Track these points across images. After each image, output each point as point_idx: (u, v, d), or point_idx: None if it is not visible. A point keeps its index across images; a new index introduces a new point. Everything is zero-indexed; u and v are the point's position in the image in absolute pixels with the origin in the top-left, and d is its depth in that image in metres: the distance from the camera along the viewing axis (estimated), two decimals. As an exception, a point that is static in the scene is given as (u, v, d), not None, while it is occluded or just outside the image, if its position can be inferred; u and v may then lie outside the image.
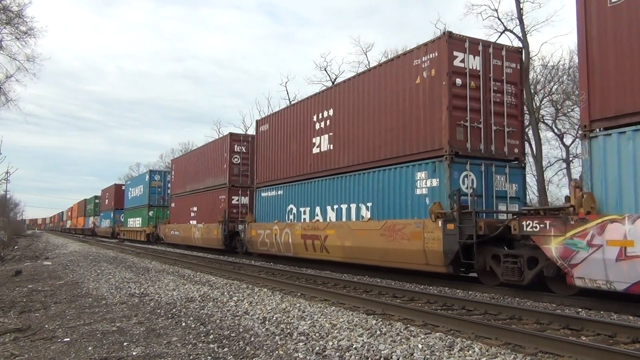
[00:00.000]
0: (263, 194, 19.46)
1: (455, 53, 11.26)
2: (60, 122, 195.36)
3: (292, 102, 16.82)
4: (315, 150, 16.12)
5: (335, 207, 14.85)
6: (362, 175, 13.78)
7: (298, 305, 8.37)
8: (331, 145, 15.31)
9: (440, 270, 10.91)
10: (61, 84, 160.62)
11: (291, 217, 17.22)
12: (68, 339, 6.34)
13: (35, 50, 34.33)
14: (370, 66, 18.50)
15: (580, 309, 8.25)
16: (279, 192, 18.17)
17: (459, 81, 11.22)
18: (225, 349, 5.71)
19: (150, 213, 36.16)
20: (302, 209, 16.66)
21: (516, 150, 12.01)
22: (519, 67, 12.24)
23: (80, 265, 17.24)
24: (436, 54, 11.46)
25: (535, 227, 8.75)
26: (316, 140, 16.07)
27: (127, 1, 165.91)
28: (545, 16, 61.43)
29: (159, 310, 8.22)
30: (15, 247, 33.50)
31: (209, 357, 5.41)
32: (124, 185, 49.18)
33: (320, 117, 15.97)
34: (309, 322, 6.98)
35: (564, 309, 8.27)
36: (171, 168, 33.33)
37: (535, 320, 7.00)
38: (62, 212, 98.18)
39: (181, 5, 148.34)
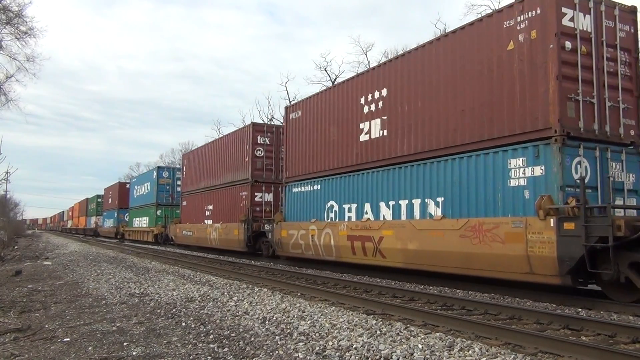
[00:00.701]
0: (295, 190, 17.21)
1: (563, 9, 9.18)
2: (60, 122, 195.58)
3: (335, 84, 14.48)
4: (363, 137, 13.80)
5: (392, 203, 12.58)
6: (430, 165, 11.54)
7: (298, 305, 8.37)
8: (384, 131, 12.98)
9: (551, 282, 8.68)
10: (61, 84, 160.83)
11: (331, 215, 15.02)
12: (68, 339, 6.34)
13: (35, 51, 34.39)
14: (439, 35, 15.52)
15: (580, 309, 8.25)
16: (316, 187, 15.94)
17: (568, 45, 9.18)
18: (225, 349, 5.71)
19: (159, 212, 33.92)
20: (346, 206, 14.41)
21: (632, 133, 9.77)
22: (633, 30, 10.05)
23: (80, 265, 17.24)
24: (538, 12, 9.33)
25: None
26: (364, 125, 13.77)
27: (126, 1, 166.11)
28: None
29: (159, 310, 8.22)
30: (15, 247, 33.50)
31: (209, 357, 5.41)
32: (128, 183, 47.15)
33: (369, 98, 13.70)
34: (309, 322, 6.99)
35: (564, 309, 8.26)
36: (182, 164, 31.26)
37: (535, 320, 7.00)
38: (63, 212, 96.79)
39: (181, 5, 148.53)
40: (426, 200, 11.62)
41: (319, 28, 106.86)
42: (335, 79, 45.10)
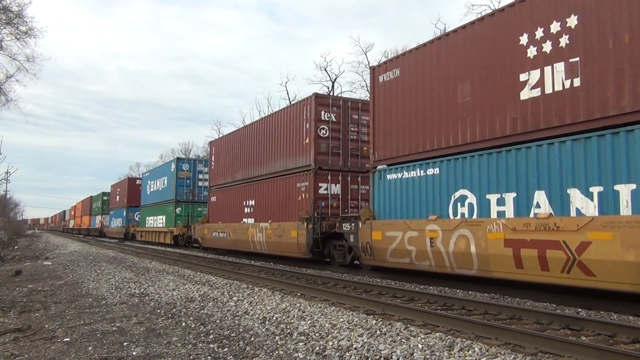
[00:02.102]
0: (391, 176, 12.76)
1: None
2: (60, 122, 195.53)
3: (466, 24, 11.07)
4: (526, 93, 9.51)
5: (596, 190, 8.24)
6: None
7: (298, 305, 8.38)
8: (575, 80, 8.72)
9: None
10: (61, 84, 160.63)
11: (463, 210, 10.66)
12: (68, 339, 6.34)
13: (35, 51, 33.67)
14: None
15: (580, 309, 8.25)
16: (432, 171, 11.55)
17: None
18: (225, 349, 5.71)
19: (178, 210, 29.61)
20: (492, 197, 10.01)
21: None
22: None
23: (80, 265, 17.25)
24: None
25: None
26: (529, 76, 9.47)
27: (126, 1, 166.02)
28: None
29: (159, 310, 8.22)
30: (15, 247, 33.51)
31: (209, 357, 5.41)
32: (139, 179, 43.11)
33: (540, 34, 9.36)
34: (309, 322, 6.99)
35: (564, 309, 8.27)
36: (210, 153, 25.78)
37: (535, 320, 7.00)
38: (65, 211, 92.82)
39: (180, 5, 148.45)
40: None
41: (319, 28, 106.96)
42: (335, 78, 45.04)
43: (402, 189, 12.43)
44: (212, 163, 25.25)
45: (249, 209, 20.41)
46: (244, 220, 20.59)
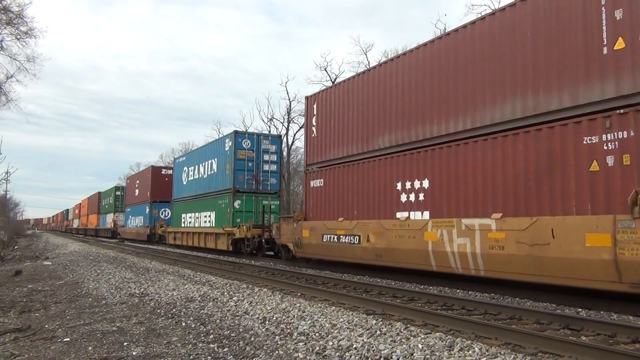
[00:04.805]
0: None
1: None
2: (60, 122, 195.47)
3: None
4: None
5: None
6: None
7: (298, 305, 8.38)
8: None
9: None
10: (61, 84, 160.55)
11: None
12: (68, 339, 6.34)
13: (35, 51, 33.51)
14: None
15: (580, 309, 8.25)
16: None
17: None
18: (225, 349, 5.71)
19: (237, 204, 21.69)
20: None
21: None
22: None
23: (80, 265, 17.25)
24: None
25: None
26: None
27: (125, 0, 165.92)
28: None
29: (159, 310, 8.22)
30: (15, 247, 33.53)
31: (209, 357, 5.41)
32: (166, 168, 36.75)
33: None
34: (309, 322, 6.99)
35: (564, 309, 8.26)
36: (307, 115, 16.78)
37: (535, 320, 7.00)
38: (67, 210, 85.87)
39: (180, 5, 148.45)
40: None
41: (319, 28, 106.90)
42: (335, 78, 45.00)
43: None
44: (314, 128, 16.33)
45: (412, 195, 11.96)
46: (400, 214, 12.22)
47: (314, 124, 16.39)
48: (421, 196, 11.70)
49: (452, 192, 10.82)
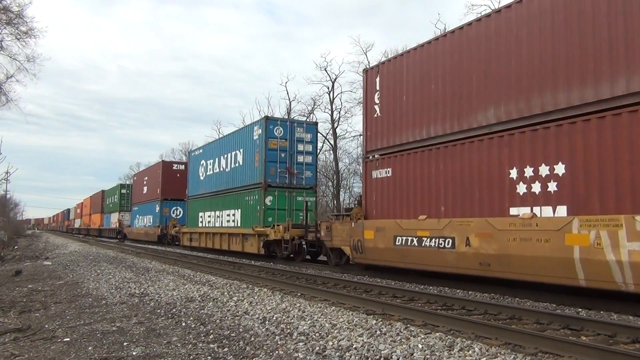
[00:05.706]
0: None
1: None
2: (60, 122, 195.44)
3: None
4: None
5: None
6: None
7: (298, 305, 8.38)
8: None
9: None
10: (61, 84, 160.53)
11: None
12: (68, 339, 6.34)
13: (35, 51, 33.60)
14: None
15: (580, 309, 8.25)
16: None
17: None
18: (225, 349, 5.71)
19: (269, 200, 18.66)
20: None
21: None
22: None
23: (80, 265, 17.25)
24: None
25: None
26: None
27: (125, 0, 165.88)
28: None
29: (159, 310, 8.23)
30: (15, 247, 33.53)
31: (209, 357, 5.41)
32: (178, 163, 33.85)
33: None
34: (309, 322, 6.99)
35: (564, 309, 8.27)
36: (365, 91, 13.97)
37: (535, 320, 7.00)
38: (68, 210, 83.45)
39: (180, 5, 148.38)
40: None
41: (319, 28, 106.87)
42: (335, 79, 44.90)
43: None
44: (376, 108, 13.41)
45: (537, 185, 9.04)
46: (516, 210, 9.34)
47: (377, 101, 13.33)
48: (552, 186, 8.74)
49: (609, 179, 7.88)
